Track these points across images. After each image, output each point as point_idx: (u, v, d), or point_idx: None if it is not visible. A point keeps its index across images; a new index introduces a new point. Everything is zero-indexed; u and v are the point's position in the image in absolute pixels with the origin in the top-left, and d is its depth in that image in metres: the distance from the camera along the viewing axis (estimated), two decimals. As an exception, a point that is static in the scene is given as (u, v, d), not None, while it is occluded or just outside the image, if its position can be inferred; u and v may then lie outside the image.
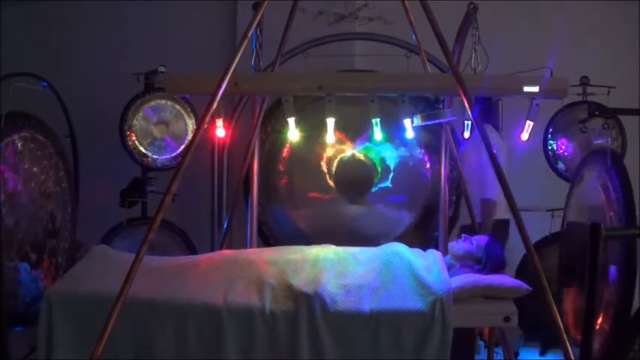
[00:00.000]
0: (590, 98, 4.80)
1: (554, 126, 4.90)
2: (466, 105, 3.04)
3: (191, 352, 3.21)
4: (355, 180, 5.08)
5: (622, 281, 3.14)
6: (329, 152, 5.11)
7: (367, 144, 5.01)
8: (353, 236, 4.88)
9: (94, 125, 5.16)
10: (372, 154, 5.06)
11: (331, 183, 5.14)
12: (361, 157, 5.07)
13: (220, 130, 4.17)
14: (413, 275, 3.35)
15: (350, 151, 5.05)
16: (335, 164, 5.12)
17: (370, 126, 3.74)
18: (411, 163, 5.08)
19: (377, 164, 5.09)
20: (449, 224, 4.56)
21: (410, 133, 3.80)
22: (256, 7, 3.23)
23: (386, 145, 4.95)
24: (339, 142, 5.07)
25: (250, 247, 4.18)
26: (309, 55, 4.71)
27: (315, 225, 5.02)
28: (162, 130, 5.05)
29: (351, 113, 4.55)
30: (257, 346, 3.20)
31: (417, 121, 3.70)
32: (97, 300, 3.19)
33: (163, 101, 5.03)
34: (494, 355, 4.19)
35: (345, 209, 5.08)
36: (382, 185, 5.09)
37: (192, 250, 5.01)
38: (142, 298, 3.21)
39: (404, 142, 4.85)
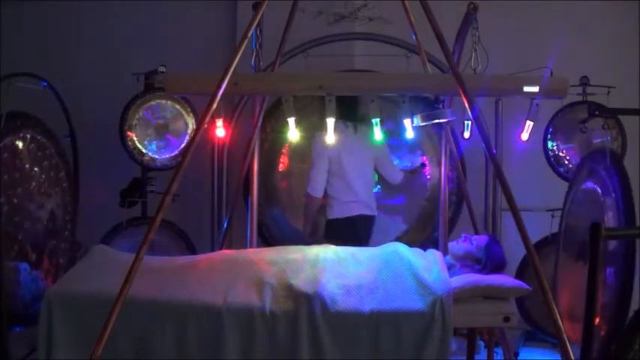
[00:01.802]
0: (590, 98, 4.80)
1: (554, 126, 4.89)
2: (466, 105, 3.04)
3: (191, 352, 3.21)
4: None
5: (620, 282, 3.13)
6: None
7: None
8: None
9: (94, 125, 5.16)
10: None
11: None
12: None
13: (220, 130, 4.16)
14: (413, 275, 3.35)
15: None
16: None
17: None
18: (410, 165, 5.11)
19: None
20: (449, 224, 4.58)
21: (410, 133, 3.80)
22: (256, 7, 3.23)
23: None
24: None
25: (250, 247, 4.18)
26: (309, 55, 4.71)
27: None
28: (162, 130, 5.05)
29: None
30: (257, 346, 3.20)
31: (417, 121, 3.70)
32: (97, 300, 3.19)
33: (163, 101, 5.02)
34: (494, 355, 4.19)
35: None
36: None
37: (192, 250, 5.01)
38: (142, 298, 3.21)
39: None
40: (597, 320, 3.24)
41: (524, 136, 3.74)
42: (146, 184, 5.07)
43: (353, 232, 4.52)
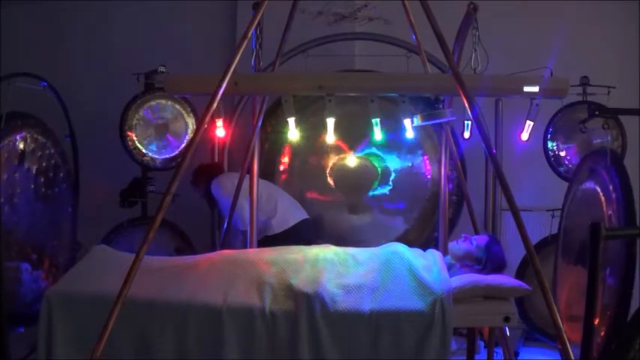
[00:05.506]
0: (590, 98, 4.81)
1: (554, 126, 4.90)
2: (466, 105, 3.03)
3: (191, 352, 3.21)
4: (355, 181, 5.11)
5: (620, 282, 3.13)
6: (330, 154, 5.15)
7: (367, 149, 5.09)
8: (352, 238, 4.92)
9: (94, 125, 5.17)
10: (373, 158, 5.14)
11: (330, 181, 5.16)
12: (362, 159, 5.13)
13: (220, 130, 4.16)
14: (413, 275, 3.35)
15: (350, 156, 5.13)
16: (336, 166, 5.16)
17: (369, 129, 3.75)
18: (411, 165, 5.13)
19: (377, 167, 5.13)
20: (449, 224, 4.58)
21: (410, 133, 3.79)
22: (256, 7, 3.23)
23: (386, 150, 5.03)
24: (339, 149, 5.12)
25: (250, 247, 4.18)
26: (309, 55, 4.71)
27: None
28: (162, 130, 5.06)
29: (352, 114, 4.58)
30: (257, 346, 3.20)
31: (417, 121, 3.69)
32: (97, 300, 3.19)
33: (163, 101, 5.03)
34: (494, 355, 4.19)
35: (345, 214, 5.13)
36: (382, 190, 5.13)
37: (193, 250, 5.01)
38: (141, 298, 3.21)
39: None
40: (597, 320, 3.24)
41: (524, 136, 3.74)
42: (146, 184, 5.07)
43: None
